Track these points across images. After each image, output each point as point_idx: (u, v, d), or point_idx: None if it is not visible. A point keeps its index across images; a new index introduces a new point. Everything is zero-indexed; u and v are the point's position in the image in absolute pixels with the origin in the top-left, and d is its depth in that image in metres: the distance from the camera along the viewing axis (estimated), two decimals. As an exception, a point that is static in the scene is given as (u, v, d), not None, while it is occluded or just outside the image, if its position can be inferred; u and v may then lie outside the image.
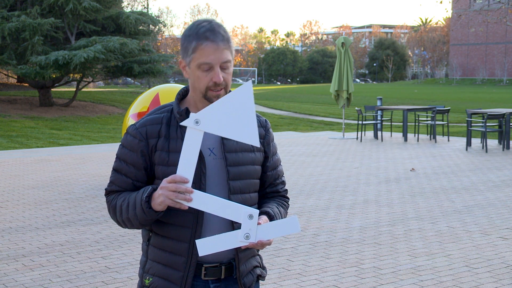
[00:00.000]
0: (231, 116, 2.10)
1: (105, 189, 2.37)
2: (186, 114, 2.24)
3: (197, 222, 2.23)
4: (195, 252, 2.23)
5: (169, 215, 2.25)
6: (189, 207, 2.15)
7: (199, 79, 2.21)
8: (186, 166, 2.13)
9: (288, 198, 2.50)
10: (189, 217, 2.23)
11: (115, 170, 2.33)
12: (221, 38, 2.19)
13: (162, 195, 2.13)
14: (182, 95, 2.34)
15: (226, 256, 2.30)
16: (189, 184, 2.13)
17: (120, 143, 2.34)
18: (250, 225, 2.14)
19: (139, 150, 2.26)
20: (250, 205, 2.32)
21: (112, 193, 2.35)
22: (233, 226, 2.26)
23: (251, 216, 2.14)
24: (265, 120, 2.43)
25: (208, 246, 2.14)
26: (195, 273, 2.26)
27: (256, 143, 2.11)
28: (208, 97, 2.22)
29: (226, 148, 2.27)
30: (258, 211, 2.17)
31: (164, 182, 2.14)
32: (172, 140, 2.25)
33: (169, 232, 2.27)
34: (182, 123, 2.15)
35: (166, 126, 2.27)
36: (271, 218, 2.28)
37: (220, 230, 2.24)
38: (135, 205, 2.22)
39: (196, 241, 2.14)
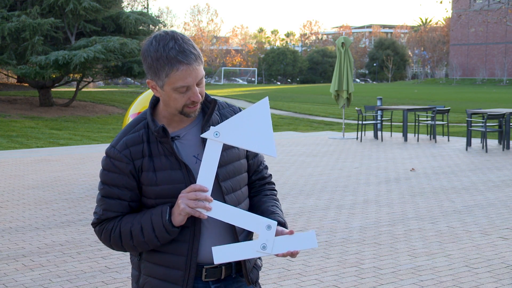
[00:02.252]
0: (249, 129, 2.16)
1: (97, 218, 2.28)
2: (163, 132, 2.19)
3: (194, 236, 2.22)
4: (192, 265, 2.22)
5: None
6: (202, 217, 2.14)
7: (175, 100, 2.17)
8: (206, 176, 2.16)
9: (275, 184, 2.53)
10: (186, 232, 2.22)
11: (105, 197, 2.25)
12: (194, 58, 2.12)
13: (182, 203, 2.12)
14: (154, 105, 2.30)
15: None
16: (209, 193, 2.15)
17: (102, 168, 2.27)
18: (267, 235, 2.15)
19: (128, 171, 2.22)
20: (243, 200, 2.34)
21: (107, 221, 2.27)
22: (235, 238, 2.26)
23: (269, 227, 2.16)
24: (239, 108, 2.39)
25: (224, 254, 2.14)
26: (195, 275, 2.26)
27: (274, 154, 2.15)
28: (185, 113, 2.21)
29: None
30: (276, 222, 2.18)
31: (184, 192, 2.14)
32: (156, 158, 2.22)
33: (165, 247, 2.24)
34: (203, 135, 2.17)
35: (147, 145, 2.23)
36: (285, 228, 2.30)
37: (218, 243, 2.24)
38: (152, 227, 2.18)
39: (213, 248, 2.14)
